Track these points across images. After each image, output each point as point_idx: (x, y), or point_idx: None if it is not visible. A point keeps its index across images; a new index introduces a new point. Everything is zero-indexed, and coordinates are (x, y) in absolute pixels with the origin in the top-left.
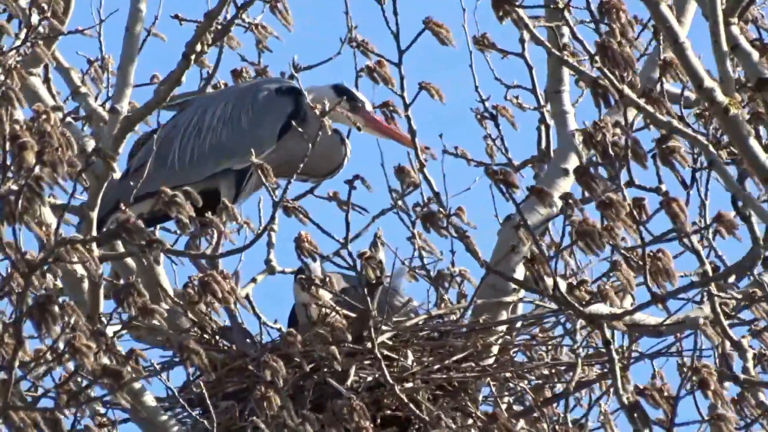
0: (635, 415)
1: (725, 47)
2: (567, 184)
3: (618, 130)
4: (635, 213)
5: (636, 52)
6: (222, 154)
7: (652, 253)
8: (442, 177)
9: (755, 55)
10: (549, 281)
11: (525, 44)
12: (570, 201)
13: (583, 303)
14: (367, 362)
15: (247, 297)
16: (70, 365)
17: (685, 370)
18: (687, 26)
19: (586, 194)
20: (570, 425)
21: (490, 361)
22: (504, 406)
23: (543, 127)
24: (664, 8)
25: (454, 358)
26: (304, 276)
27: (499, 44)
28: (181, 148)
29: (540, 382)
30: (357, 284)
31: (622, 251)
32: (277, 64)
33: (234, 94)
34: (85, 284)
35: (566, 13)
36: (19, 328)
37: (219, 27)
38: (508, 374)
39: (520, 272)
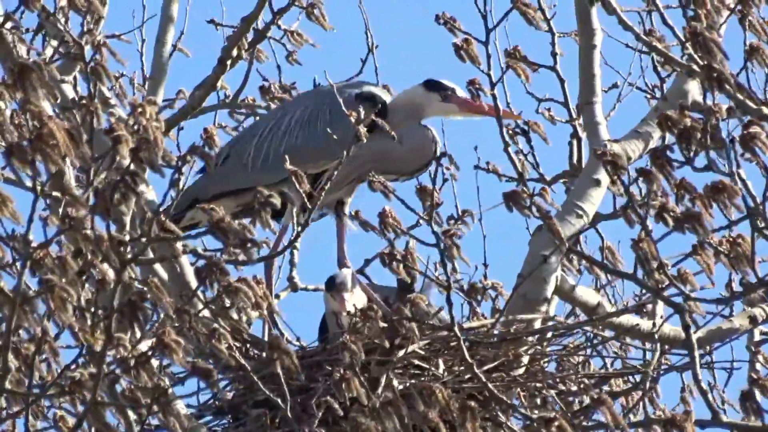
0: (746, 404)
1: None
2: (599, 195)
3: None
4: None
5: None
6: (296, 157)
7: (732, 238)
8: (476, 191)
9: None
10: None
11: (557, 57)
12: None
13: (663, 286)
14: (398, 371)
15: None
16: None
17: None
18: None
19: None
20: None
21: (521, 371)
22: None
23: (575, 141)
24: None
25: (485, 368)
26: (337, 283)
27: (531, 58)
28: (257, 148)
29: (567, 397)
30: (390, 295)
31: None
32: (304, 78)
33: (315, 97)
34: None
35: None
36: (110, 324)
37: (255, 32)
38: (538, 384)
39: (551, 282)
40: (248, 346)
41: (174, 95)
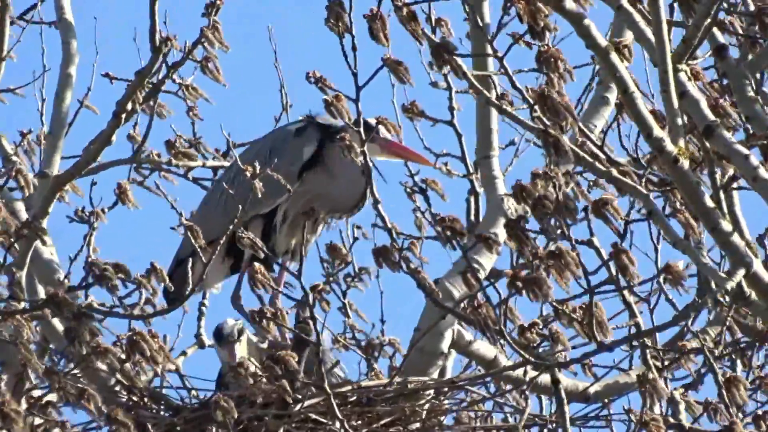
0: None
1: (674, 96)
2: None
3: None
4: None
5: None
6: (247, 200)
7: (584, 305)
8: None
9: (703, 101)
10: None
11: (454, 112)
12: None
13: (533, 345)
14: (295, 425)
15: (177, 369)
16: None
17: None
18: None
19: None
20: None
21: (418, 425)
22: None
23: (472, 198)
24: (614, 57)
25: (382, 422)
26: (224, 335)
27: (428, 112)
28: (216, 198)
29: None
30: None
31: (554, 304)
32: (211, 133)
33: (263, 139)
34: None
35: (504, 62)
36: None
37: (150, 86)
38: None
39: (448, 336)
40: (146, 400)
41: (77, 151)
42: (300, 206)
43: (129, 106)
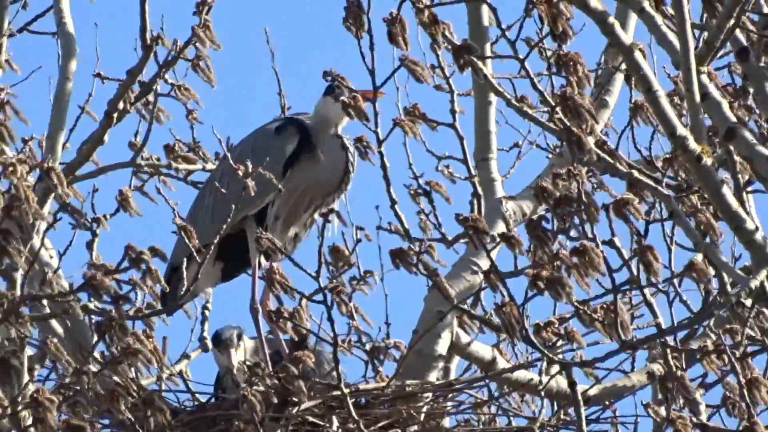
0: None
1: (697, 96)
2: (494, 251)
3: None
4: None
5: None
6: (235, 203)
7: (605, 305)
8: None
9: (725, 104)
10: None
11: (456, 115)
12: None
13: (550, 344)
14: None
15: (180, 373)
16: None
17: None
18: (616, 93)
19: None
20: None
21: (417, 427)
22: None
23: (475, 201)
24: (638, 56)
25: (380, 425)
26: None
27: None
28: (205, 204)
29: None
30: (281, 348)
31: (576, 304)
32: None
33: (244, 141)
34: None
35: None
36: None
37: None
38: None
39: (446, 338)
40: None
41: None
42: (293, 198)
43: (120, 106)
